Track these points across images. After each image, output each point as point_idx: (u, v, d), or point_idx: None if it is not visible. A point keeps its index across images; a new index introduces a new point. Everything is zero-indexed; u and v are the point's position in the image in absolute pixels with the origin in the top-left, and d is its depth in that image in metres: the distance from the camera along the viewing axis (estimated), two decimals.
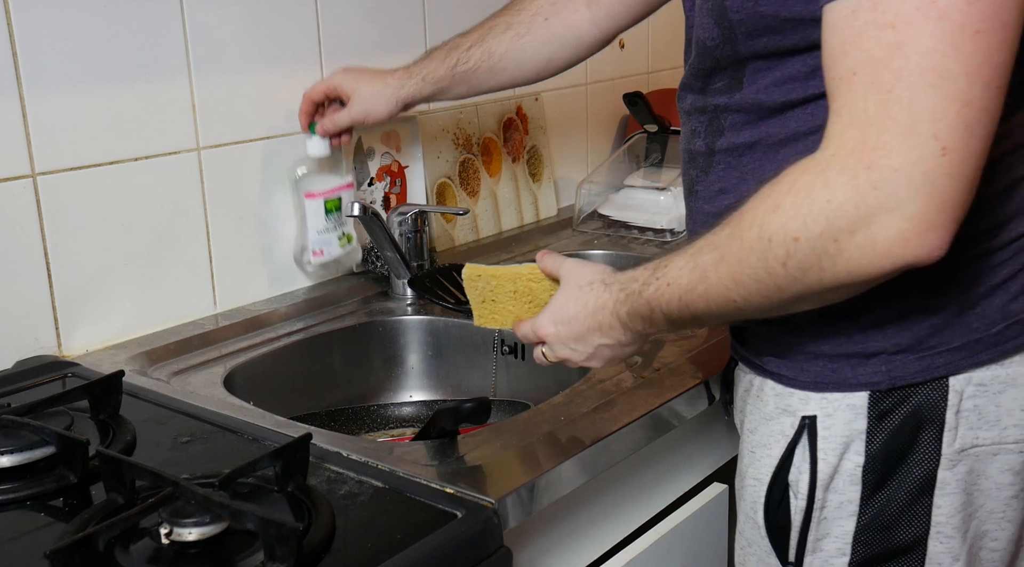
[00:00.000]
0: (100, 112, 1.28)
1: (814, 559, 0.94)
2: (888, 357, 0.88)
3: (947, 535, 0.90)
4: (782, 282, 0.79)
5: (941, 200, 0.72)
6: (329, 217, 1.47)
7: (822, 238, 0.75)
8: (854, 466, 0.90)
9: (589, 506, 1.12)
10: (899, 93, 0.72)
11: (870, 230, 0.73)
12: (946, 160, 0.71)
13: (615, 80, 2.15)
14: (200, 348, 1.35)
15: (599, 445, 1.05)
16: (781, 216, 0.78)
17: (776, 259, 0.78)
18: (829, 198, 0.75)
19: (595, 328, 0.98)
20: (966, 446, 0.88)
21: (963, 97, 0.71)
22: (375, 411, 1.48)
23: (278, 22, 1.47)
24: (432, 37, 1.71)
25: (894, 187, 0.72)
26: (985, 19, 0.70)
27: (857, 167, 0.73)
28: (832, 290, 0.79)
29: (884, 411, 0.89)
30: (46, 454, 0.96)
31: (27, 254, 1.23)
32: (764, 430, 0.97)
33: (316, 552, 0.82)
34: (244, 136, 1.45)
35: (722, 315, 0.87)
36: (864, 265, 0.75)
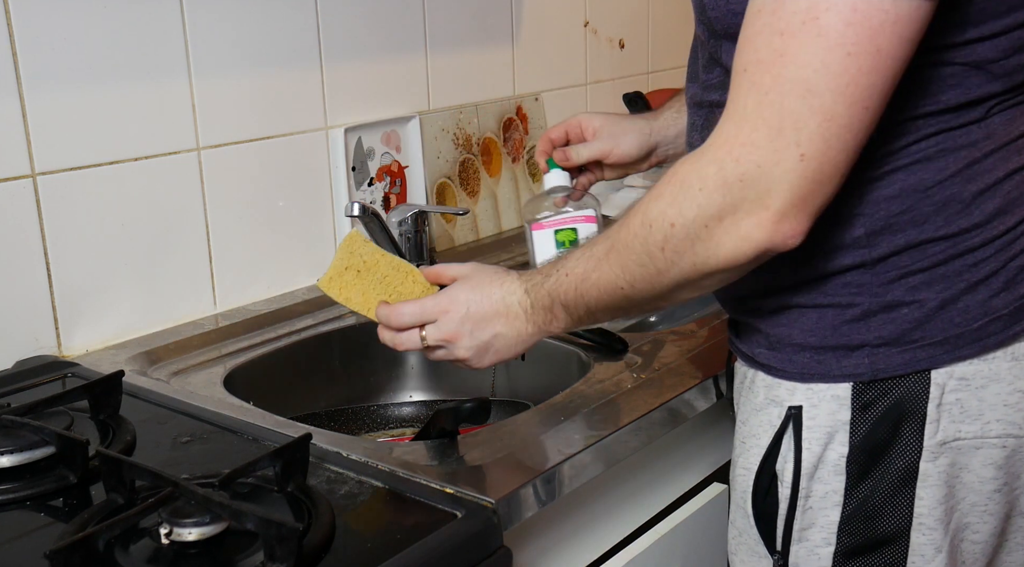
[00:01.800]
0: (100, 112, 1.28)
1: (800, 548, 0.95)
2: (871, 350, 0.90)
3: (929, 527, 0.91)
4: (661, 266, 0.87)
5: (796, 197, 0.80)
6: (561, 251, 1.23)
7: (695, 223, 0.83)
8: (838, 456, 0.92)
9: (589, 506, 1.12)
10: (772, 98, 0.78)
11: (735, 217, 0.81)
12: (803, 165, 0.78)
13: (615, 80, 2.15)
14: (200, 348, 1.35)
15: (599, 445, 1.05)
16: (661, 203, 0.86)
17: (656, 244, 0.86)
18: (701, 187, 0.82)
19: (503, 314, 1.01)
20: (948, 439, 0.89)
21: (825, 112, 0.77)
22: (375, 411, 1.48)
23: (278, 22, 1.47)
24: (432, 37, 1.71)
25: (757, 181, 0.79)
26: (859, 42, 0.75)
27: (726, 159, 0.81)
28: (707, 275, 0.86)
29: (867, 402, 0.90)
30: (46, 454, 0.96)
31: (27, 254, 1.23)
32: (754, 421, 0.98)
33: (316, 552, 0.82)
34: (244, 136, 1.45)
35: (612, 304, 0.94)
36: (730, 249, 0.83)
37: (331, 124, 1.56)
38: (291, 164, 1.51)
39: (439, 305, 1.04)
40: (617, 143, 1.28)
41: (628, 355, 1.29)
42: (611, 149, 1.28)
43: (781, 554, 0.97)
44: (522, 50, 1.90)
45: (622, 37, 2.15)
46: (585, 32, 2.05)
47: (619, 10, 2.13)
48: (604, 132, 1.28)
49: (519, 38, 1.88)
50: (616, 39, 2.14)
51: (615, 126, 1.29)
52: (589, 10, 2.05)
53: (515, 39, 1.88)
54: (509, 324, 1.01)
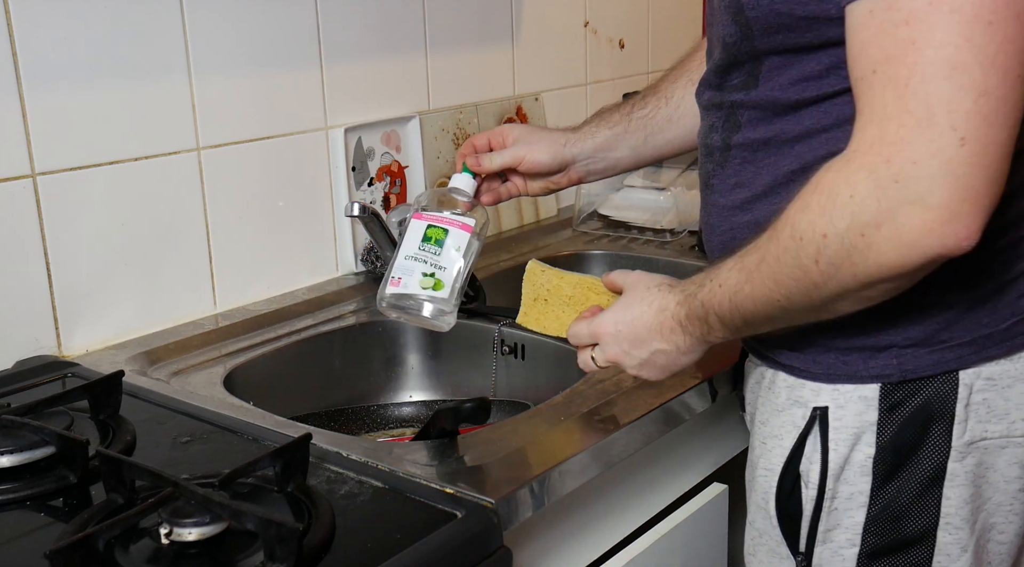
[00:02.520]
0: (100, 112, 1.28)
1: (824, 549, 0.95)
2: (899, 350, 0.90)
3: (956, 526, 0.91)
4: (817, 279, 0.81)
5: (964, 190, 0.73)
6: (424, 245, 1.19)
7: (849, 233, 0.77)
8: (865, 457, 0.91)
9: (589, 506, 1.12)
10: (914, 87, 0.73)
11: (895, 223, 0.74)
12: (965, 150, 0.72)
13: (615, 80, 2.15)
14: (200, 348, 1.35)
15: (599, 445, 1.05)
16: (809, 214, 0.79)
17: (808, 256, 0.80)
18: (852, 194, 0.76)
19: (656, 330, 0.98)
20: (975, 439, 0.90)
21: (978, 87, 0.72)
22: (375, 411, 1.48)
23: (278, 22, 1.47)
24: (432, 37, 1.71)
25: (915, 179, 0.73)
26: (997, 10, 0.71)
27: (876, 161, 0.75)
28: (868, 285, 0.79)
29: (895, 403, 0.90)
30: (46, 454, 0.96)
31: (27, 254, 1.23)
32: (775, 421, 0.98)
33: (316, 552, 0.82)
34: (244, 136, 1.45)
35: (769, 316, 0.88)
36: (893, 258, 0.76)
37: (331, 124, 1.56)
38: (291, 164, 1.51)
39: (592, 329, 1.03)
40: (529, 151, 1.23)
41: None
42: (523, 156, 1.23)
43: (805, 555, 0.96)
44: (522, 50, 1.90)
45: (622, 37, 2.15)
46: (585, 32, 2.05)
47: (619, 10, 2.13)
48: (520, 141, 1.24)
49: (519, 38, 1.88)
50: (616, 39, 2.14)
51: (531, 135, 1.25)
52: (589, 10, 2.05)
53: (515, 39, 1.88)
54: (665, 339, 0.98)
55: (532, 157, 1.22)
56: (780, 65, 0.89)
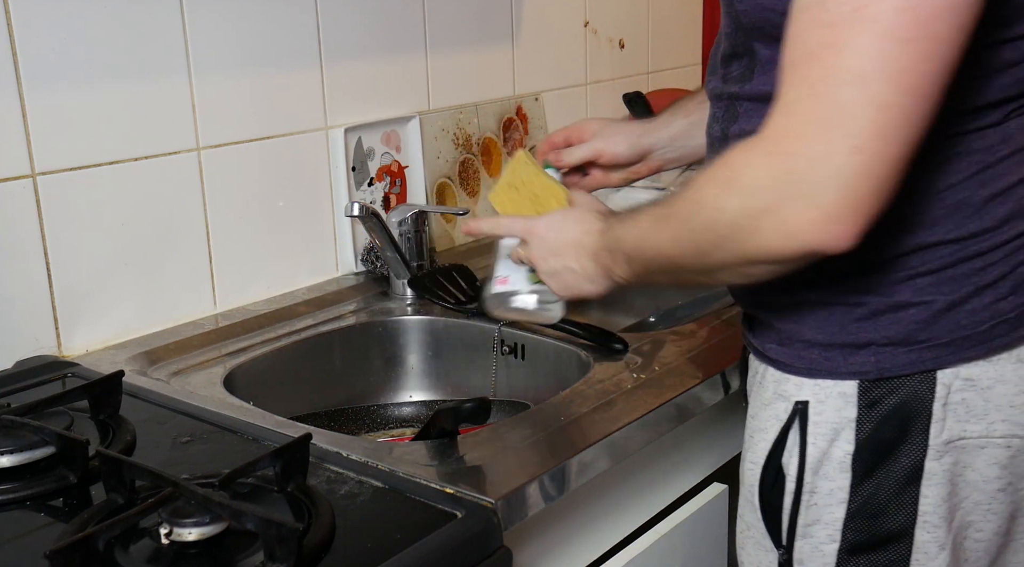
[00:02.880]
0: (100, 112, 1.28)
1: (804, 544, 0.96)
2: (878, 348, 0.90)
3: (934, 524, 0.91)
4: (705, 246, 0.86)
5: (849, 196, 0.76)
6: None
7: (740, 212, 0.81)
8: (844, 453, 0.92)
9: (589, 506, 1.12)
10: (824, 89, 0.76)
11: (782, 212, 0.78)
12: (856, 159, 0.75)
13: (615, 80, 2.15)
14: (200, 348, 1.35)
15: (599, 445, 1.05)
16: (712, 186, 0.85)
17: (702, 224, 0.86)
18: (751, 177, 0.81)
19: (573, 249, 1.05)
20: (953, 438, 0.90)
21: (879, 101, 0.74)
22: (375, 411, 1.48)
23: (278, 22, 1.47)
24: (432, 37, 1.71)
25: (806, 176, 0.76)
26: (912, 28, 0.73)
27: (777, 151, 0.78)
28: (749, 263, 0.84)
29: (873, 401, 0.91)
30: (46, 454, 0.96)
31: (27, 254, 1.23)
32: (762, 415, 0.99)
33: (316, 552, 0.82)
34: (244, 136, 1.45)
35: (664, 269, 0.95)
36: (775, 244, 0.80)
37: (331, 124, 1.56)
38: (291, 164, 1.51)
39: (527, 225, 1.11)
40: (608, 144, 1.27)
41: (628, 355, 1.29)
42: (602, 149, 1.27)
43: (786, 548, 0.97)
44: (522, 50, 1.90)
45: (622, 37, 2.15)
46: (585, 32, 2.05)
47: (619, 10, 2.13)
48: (598, 134, 1.28)
49: (519, 38, 1.88)
50: (616, 39, 2.14)
51: (608, 128, 1.29)
52: (589, 10, 2.05)
53: (515, 39, 1.88)
54: (578, 259, 1.04)
55: (611, 149, 1.27)
56: (771, 59, 0.90)
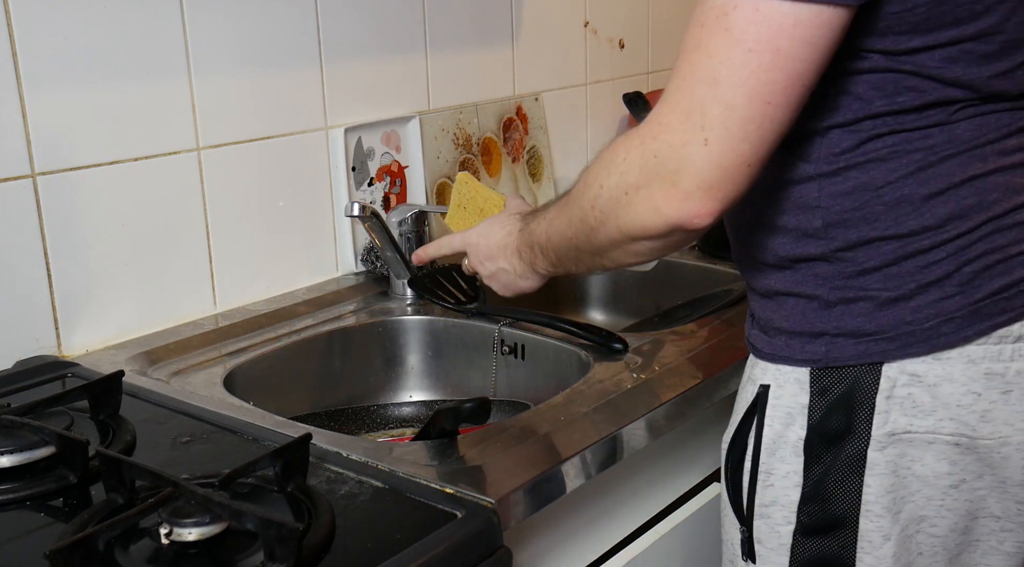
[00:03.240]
0: (100, 112, 1.28)
1: (762, 524, 0.99)
2: (830, 338, 0.94)
3: (876, 514, 0.94)
4: (592, 223, 0.94)
5: (701, 180, 0.84)
6: None
7: (616, 189, 0.90)
8: (797, 438, 0.96)
9: (589, 506, 1.12)
10: (687, 83, 0.84)
11: (649, 190, 0.87)
12: (707, 149, 0.83)
13: (615, 80, 2.15)
14: (200, 348, 1.35)
15: (599, 445, 1.05)
16: (598, 166, 0.93)
17: (588, 202, 0.94)
18: (625, 157, 0.89)
19: (501, 250, 1.15)
20: (897, 431, 0.92)
21: (726, 102, 0.81)
22: (375, 411, 1.48)
23: (278, 22, 1.47)
24: (432, 37, 1.71)
25: (667, 159, 0.85)
26: (759, 41, 0.80)
27: (647, 136, 0.87)
28: (630, 239, 0.92)
29: (823, 388, 0.94)
30: (46, 454, 0.96)
31: (27, 254, 1.23)
32: (739, 397, 1.03)
33: (316, 552, 0.82)
34: (244, 136, 1.45)
35: (567, 254, 1.03)
36: (644, 219, 0.88)
37: (331, 124, 1.56)
38: (291, 164, 1.51)
39: (464, 238, 1.21)
40: None
41: (628, 355, 1.29)
42: None
43: (746, 526, 1.01)
44: (522, 50, 1.90)
45: (622, 37, 2.15)
46: (585, 32, 2.05)
47: (619, 10, 2.13)
48: None
49: (519, 38, 1.88)
50: (616, 39, 2.14)
51: None
52: (589, 10, 2.05)
53: (515, 39, 1.88)
54: (507, 259, 1.14)
55: None
56: None
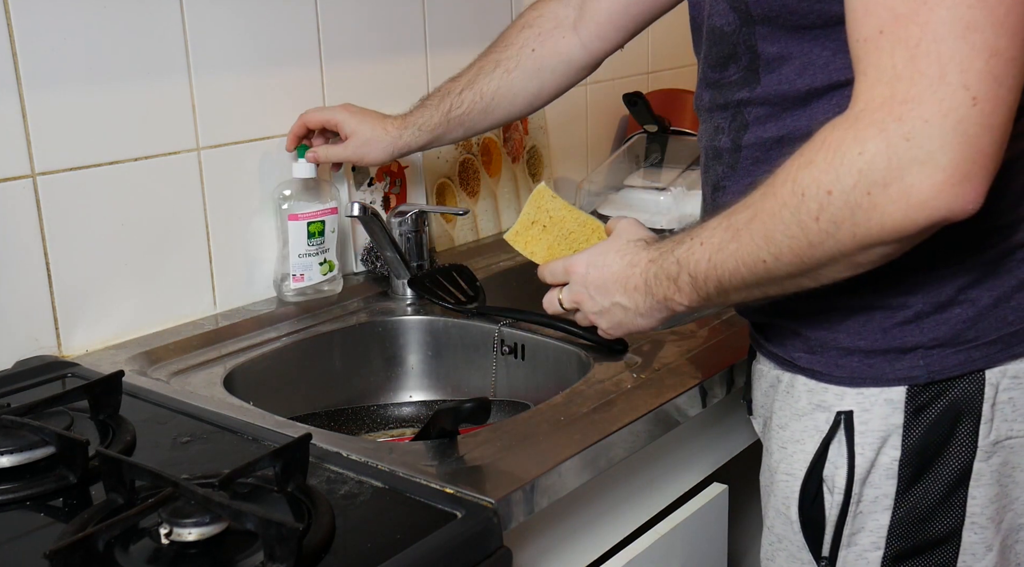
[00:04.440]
0: (100, 112, 1.28)
1: (848, 553, 0.94)
2: (925, 351, 0.89)
3: (981, 526, 0.91)
4: (814, 237, 0.79)
5: (974, 150, 0.72)
6: (312, 241, 1.46)
7: (855, 191, 0.75)
8: (890, 460, 0.91)
9: (589, 506, 1.12)
10: (927, 46, 0.72)
11: (904, 182, 0.73)
12: (976, 110, 0.72)
13: (615, 80, 2.15)
14: (200, 348, 1.35)
15: (599, 445, 1.05)
16: (814, 170, 0.78)
17: (809, 213, 0.78)
18: (861, 151, 0.75)
19: (622, 282, 0.98)
20: (1001, 438, 0.89)
21: (990, 47, 0.71)
22: (375, 411, 1.48)
23: (278, 22, 1.47)
24: (432, 37, 1.71)
25: (926, 138, 0.72)
26: None
27: (887, 120, 0.74)
28: (865, 248, 0.78)
29: (921, 405, 0.90)
30: (46, 454, 0.96)
31: (27, 254, 1.23)
32: (796, 426, 0.97)
33: (316, 552, 0.82)
34: (244, 136, 1.45)
35: (749, 280, 0.86)
36: (898, 219, 0.74)
37: None
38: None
39: (566, 266, 1.05)
40: (365, 153, 1.40)
41: (628, 355, 1.29)
42: (360, 157, 1.41)
43: (829, 559, 0.96)
44: None
45: None
46: None
47: None
48: (356, 138, 1.40)
49: None
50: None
51: (368, 132, 1.39)
52: None
53: None
54: (628, 295, 0.98)
55: (368, 158, 1.41)
56: (781, 55, 0.88)
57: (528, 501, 0.97)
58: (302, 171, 1.45)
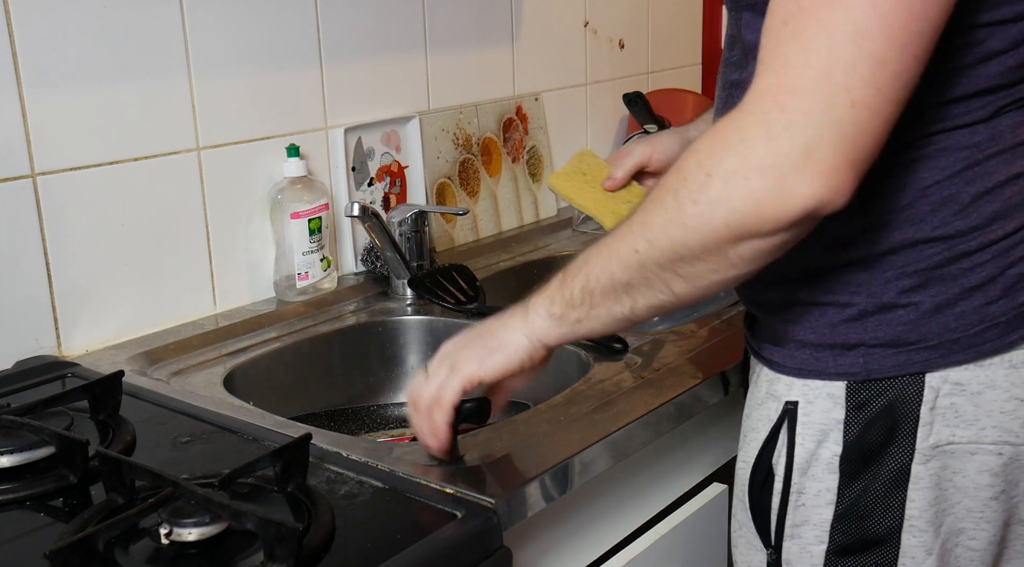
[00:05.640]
0: (100, 112, 1.28)
1: (792, 544, 0.96)
2: (867, 349, 0.90)
3: (920, 529, 0.91)
4: (690, 220, 0.80)
5: (847, 148, 0.75)
6: (313, 238, 1.47)
7: (735, 176, 0.77)
8: (832, 455, 0.92)
9: (589, 506, 1.12)
10: (819, 43, 0.75)
11: (780, 169, 0.76)
12: (855, 112, 0.74)
13: (615, 80, 2.15)
14: (200, 348, 1.35)
15: (599, 445, 1.05)
16: (699, 155, 0.80)
17: (689, 195, 0.80)
18: (742, 138, 0.77)
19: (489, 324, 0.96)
20: (941, 443, 0.89)
21: (878, 56, 0.74)
22: (375, 411, 1.48)
23: (278, 22, 1.47)
24: (432, 37, 1.71)
25: (804, 129, 0.75)
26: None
27: (770, 108, 0.76)
28: (738, 239, 0.79)
29: (861, 402, 0.90)
30: (46, 454, 0.96)
31: (27, 254, 1.23)
32: (755, 415, 0.98)
33: (316, 552, 0.82)
34: (244, 136, 1.45)
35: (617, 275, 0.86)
36: (772, 206, 0.76)
37: (331, 124, 1.56)
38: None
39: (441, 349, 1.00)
40: (655, 145, 1.25)
41: (628, 355, 1.29)
42: (650, 153, 1.25)
43: (775, 548, 0.97)
44: (522, 50, 1.90)
45: (622, 37, 2.15)
46: (585, 32, 2.05)
47: (619, 10, 2.13)
48: (641, 143, 1.27)
49: (519, 38, 1.88)
50: (616, 39, 2.14)
51: (649, 138, 1.28)
52: (589, 10, 2.05)
53: (515, 39, 1.88)
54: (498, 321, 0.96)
55: (660, 147, 1.25)
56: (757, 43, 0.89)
57: (528, 501, 0.97)
58: (293, 170, 1.45)
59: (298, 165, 1.46)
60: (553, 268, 1.13)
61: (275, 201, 1.46)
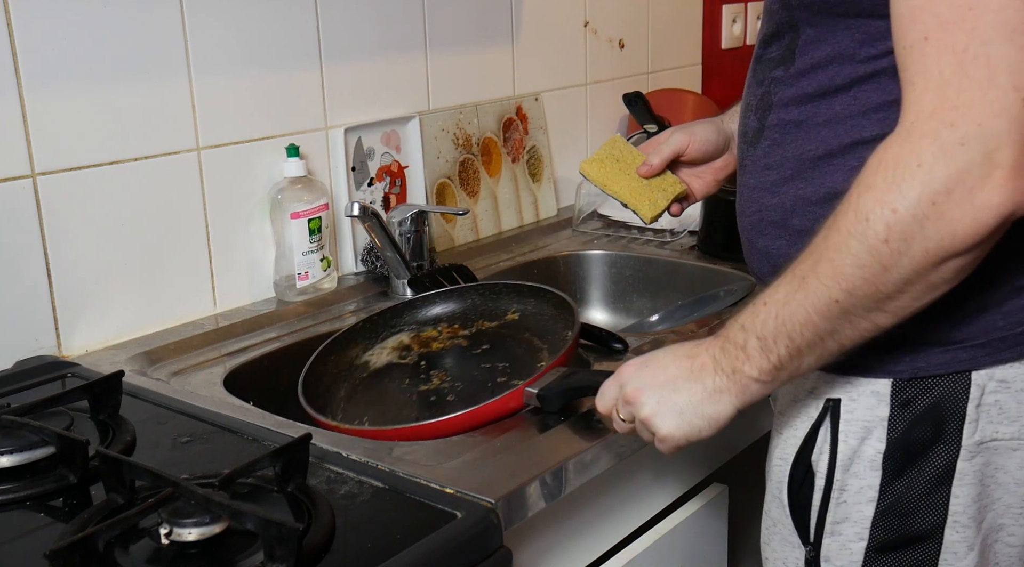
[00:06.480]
0: (100, 112, 1.28)
1: (832, 541, 0.96)
2: (913, 347, 0.90)
3: (963, 525, 0.91)
4: (886, 260, 0.77)
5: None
6: (313, 238, 1.47)
7: (920, 203, 0.75)
8: (875, 452, 0.92)
9: (589, 506, 1.12)
10: (974, 51, 0.73)
11: (966, 185, 0.74)
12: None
13: (615, 80, 2.15)
14: (200, 348, 1.35)
15: (599, 445, 1.05)
16: (875, 193, 0.77)
17: (877, 236, 0.77)
18: (919, 163, 0.75)
19: (685, 362, 0.92)
20: (985, 439, 0.90)
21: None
22: None
23: (278, 22, 1.47)
24: (432, 37, 1.71)
25: (981, 140, 0.73)
26: None
27: (939, 128, 0.74)
28: (938, 263, 0.77)
29: (906, 400, 0.90)
30: (46, 454, 0.96)
31: (27, 254, 1.23)
32: (791, 411, 0.98)
33: (316, 552, 0.82)
34: (244, 136, 1.45)
35: (822, 328, 0.83)
36: (967, 223, 0.74)
37: (331, 124, 1.56)
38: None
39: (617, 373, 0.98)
40: (692, 134, 1.22)
41: (628, 355, 1.29)
42: (687, 140, 1.22)
43: (813, 545, 0.97)
44: (522, 50, 1.90)
45: (622, 37, 2.15)
46: (585, 32, 2.05)
47: (619, 10, 2.13)
48: (677, 130, 1.24)
49: (519, 38, 1.88)
50: (616, 39, 2.14)
51: (686, 125, 1.25)
52: (589, 10, 2.05)
53: (515, 39, 1.88)
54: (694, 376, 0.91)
55: (698, 136, 1.22)
56: (815, 39, 0.90)
57: (528, 501, 0.97)
58: (293, 170, 1.45)
59: (298, 165, 1.46)
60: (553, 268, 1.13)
61: (275, 201, 1.46)
